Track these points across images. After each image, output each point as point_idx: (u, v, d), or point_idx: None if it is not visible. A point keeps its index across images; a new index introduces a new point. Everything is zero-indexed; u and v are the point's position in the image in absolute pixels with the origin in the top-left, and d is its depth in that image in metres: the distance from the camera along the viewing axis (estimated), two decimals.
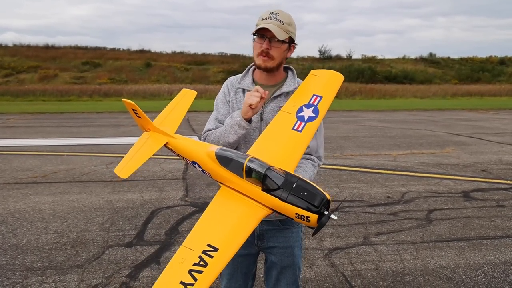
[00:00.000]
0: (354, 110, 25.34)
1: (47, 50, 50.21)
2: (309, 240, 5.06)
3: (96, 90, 34.79)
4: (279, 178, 1.91)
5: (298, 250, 2.53)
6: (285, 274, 2.49)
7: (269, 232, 2.46)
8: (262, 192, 1.93)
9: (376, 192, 7.16)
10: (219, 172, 2.08)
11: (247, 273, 2.58)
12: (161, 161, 9.58)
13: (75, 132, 14.90)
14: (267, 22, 2.23)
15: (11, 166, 9.17)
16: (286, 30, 2.25)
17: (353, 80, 43.01)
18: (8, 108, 24.75)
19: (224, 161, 2.04)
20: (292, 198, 1.87)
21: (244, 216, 1.98)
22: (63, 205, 6.41)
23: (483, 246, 4.98)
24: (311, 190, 1.87)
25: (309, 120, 2.24)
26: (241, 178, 1.98)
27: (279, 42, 2.26)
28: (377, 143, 12.43)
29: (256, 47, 2.32)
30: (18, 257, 4.60)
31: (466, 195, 6.98)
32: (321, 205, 1.84)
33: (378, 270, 4.33)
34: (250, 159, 1.98)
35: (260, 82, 2.45)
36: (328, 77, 2.45)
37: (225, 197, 2.08)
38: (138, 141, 2.51)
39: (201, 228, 1.97)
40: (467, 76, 49.27)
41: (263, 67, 2.33)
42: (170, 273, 1.80)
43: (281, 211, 1.93)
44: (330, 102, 2.32)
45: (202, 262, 1.80)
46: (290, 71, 2.51)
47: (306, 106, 2.28)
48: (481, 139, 13.30)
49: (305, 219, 1.86)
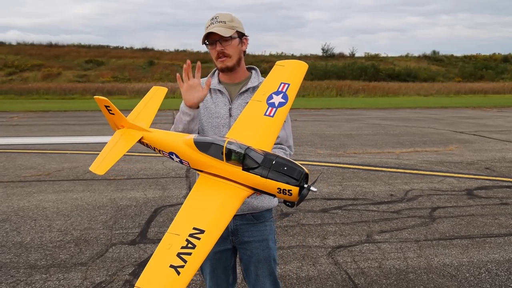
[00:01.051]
0: (357, 108, 25.30)
1: (50, 49, 50.41)
2: (312, 238, 5.06)
3: (99, 89, 34.86)
4: (259, 156, 1.96)
5: (272, 243, 2.60)
6: (261, 267, 2.55)
7: (243, 227, 2.53)
8: (243, 172, 1.96)
9: (379, 190, 7.15)
10: (198, 158, 2.09)
11: (226, 268, 2.64)
12: (164, 159, 9.59)
13: (79, 130, 14.94)
14: (210, 28, 2.36)
15: (15, 164, 9.20)
16: (230, 27, 2.39)
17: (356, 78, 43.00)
18: (11, 107, 24.83)
19: (203, 146, 2.06)
20: (272, 174, 1.92)
21: (227, 198, 2.01)
22: (66, 203, 6.43)
23: (487, 244, 4.96)
24: (290, 165, 1.94)
25: (280, 106, 2.31)
26: (221, 161, 2.01)
27: (228, 40, 2.39)
28: (380, 141, 12.40)
29: (212, 53, 2.46)
30: (22, 255, 4.62)
31: (469, 193, 6.96)
32: (301, 178, 1.90)
33: (381, 268, 4.33)
34: (229, 141, 2.02)
35: (225, 81, 2.57)
36: (294, 66, 2.54)
37: (205, 183, 2.10)
38: (112, 139, 2.49)
39: (185, 214, 1.98)
40: (470, 74, 49.14)
41: (225, 67, 2.46)
42: (158, 259, 1.80)
43: (262, 188, 1.97)
44: (297, 89, 2.41)
45: (190, 245, 1.81)
46: (254, 70, 2.65)
47: (275, 94, 2.36)
48: (484, 136, 13.26)
49: (287, 193, 1.91)
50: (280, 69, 2.51)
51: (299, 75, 2.49)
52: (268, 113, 2.29)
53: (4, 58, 44.93)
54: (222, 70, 2.49)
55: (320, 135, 13.45)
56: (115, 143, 2.48)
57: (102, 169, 2.37)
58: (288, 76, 2.45)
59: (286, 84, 2.40)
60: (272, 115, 2.28)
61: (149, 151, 10.79)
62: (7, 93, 33.32)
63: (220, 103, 2.51)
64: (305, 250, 4.74)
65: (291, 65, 2.54)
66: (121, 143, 2.46)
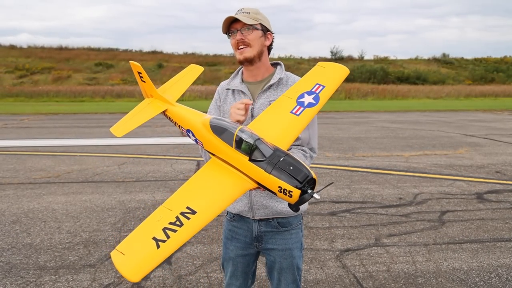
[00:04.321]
0: (366, 111, 25.20)
1: (60, 52, 50.84)
2: (321, 241, 5.05)
3: (108, 91, 35.04)
4: (267, 150, 1.92)
5: (297, 251, 2.53)
6: (284, 275, 2.51)
7: (268, 234, 2.48)
8: (248, 162, 1.93)
9: (388, 193, 7.11)
10: (211, 140, 2.09)
11: (247, 272, 2.62)
12: (173, 162, 9.63)
13: (88, 132, 15.04)
14: (230, 16, 2.33)
15: (25, 166, 9.28)
16: (254, 18, 2.33)
17: (365, 81, 42.81)
18: (22, 109, 25.07)
19: (217, 130, 2.05)
20: (276, 171, 1.87)
21: (228, 185, 1.99)
22: (75, 205, 6.47)
23: (497, 248, 4.91)
24: (297, 166, 1.87)
25: (309, 106, 2.26)
26: (230, 147, 1.99)
27: (250, 30, 2.32)
28: (389, 144, 12.34)
29: (232, 44, 2.39)
30: (31, 256, 4.65)
31: (479, 197, 6.90)
32: (305, 181, 1.84)
33: (390, 272, 4.30)
34: (241, 128, 1.99)
35: (248, 80, 2.50)
36: (334, 69, 2.49)
37: (214, 166, 2.09)
38: (138, 106, 2.58)
39: (183, 192, 1.98)
40: (481, 76, 48.74)
41: (243, 58, 2.37)
42: (144, 228, 1.82)
43: (265, 184, 1.92)
44: (331, 92, 2.36)
45: (178, 222, 1.81)
46: (279, 65, 2.54)
47: (307, 93, 2.31)
48: (495, 140, 13.15)
49: (287, 194, 1.86)
50: (320, 70, 2.46)
51: (337, 79, 2.43)
52: (295, 111, 2.24)
53: (15, 61, 45.37)
54: (241, 62, 2.40)
55: (328, 138, 13.42)
56: (140, 110, 2.56)
57: (121, 131, 2.44)
58: (325, 79, 2.40)
59: (321, 86, 2.35)
60: (298, 113, 2.23)
61: (157, 153, 10.83)
62: (18, 96, 33.60)
63: None
64: (313, 253, 4.73)
65: (331, 68, 2.49)
66: (145, 111, 2.52)
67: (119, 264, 1.71)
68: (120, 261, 1.71)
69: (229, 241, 2.60)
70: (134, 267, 1.69)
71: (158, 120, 18.75)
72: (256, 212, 2.43)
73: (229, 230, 2.61)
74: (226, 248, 2.63)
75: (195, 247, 4.89)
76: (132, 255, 1.73)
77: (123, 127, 2.47)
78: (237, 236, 2.55)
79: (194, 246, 4.93)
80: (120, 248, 1.75)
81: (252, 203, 2.43)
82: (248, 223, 2.51)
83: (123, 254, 1.73)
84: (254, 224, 2.49)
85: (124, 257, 1.72)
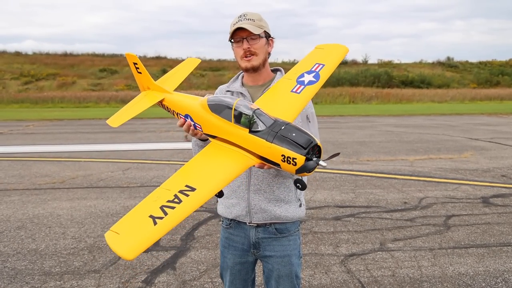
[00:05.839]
0: (370, 115, 25.16)
1: (65, 58, 51.11)
2: (325, 246, 5.03)
3: (113, 97, 35.14)
4: (268, 120, 1.90)
5: (296, 258, 2.49)
6: (283, 283, 2.46)
7: (265, 241, 2.45)
8: (249, 134, 1.91)
9: (393, 197, 7.08)
10: (210, 120, 2.08)
11: (246, 280, 2.59)
12: (177, 167, 9.62)
13: (93, 138, 15.09)
14: (239, 24, 2.31)
15: (30, 172, 9.32)
16: (259, 26, 2.33)
17: (369, 85, 42.77)
18: (27, 115, 25.19)
19: (216, 108, 2.05)
20: (278, 140, 1.83)
21: (229, 162, 1.96)
22: (80, 211, 6.49)
23: (504, 253, 4.88)
24: (300, 133, 1.83)
25: (309, 84, 2.26)
26: (229, 122, 1.97)
27: (256, 39, 2.33)
28: (393, 148, 12.31)
29: (237, 51, 2.38)
30: (37, 262, 4.67)
31: (485, 201, 6.86)
32: (309, 147, 1.79)
33: (395, 277, 4.28)
34: (238, 102, 1.98)
35: (249, 83, 2.50)
36: (332, 48, 2.49)
37: (213, 148, 2.08)
38: (135, 99, 2.62)
39: (182, 173, 1.96)
40: (486, 80, 48.52)
41: (250, 67, 2.37)
42: (141, 208, 1.78)
43: (267, 155, 1.88)
44: (332, 70, 2.36)
45: (176, 200, 1.77)
46: (279, 71, 2.56)
47: (307, 73, 2.32)
48: (500, 143, 13.08)
49: (292, 162, 1.81)
50: (318, 51, 2.46)
51: (336, 57, 2.42)
52: (295, 90, 2.24)
53: (21, 68, 45.67)
54: (247, 69, 2.40)
55: (333, 142, 13.40)
56: (136, 102, 2.58)
57: (117, 122, 2.48)
58: (324, 57, 2.39)
59: (320, 64, 2.34)
60: (299, 91, 2.23)
61: (161, 159, 10.83)
62: (23, 102, 33.77)
63: None
64: (317, 258, 4.71)
65: (330, 47, 2.49)
66: (142, 102, 2.54)
67: (113, 243, 1.66)
68: (114, 241, 1.66)
69: (226, 250, 2.56)
70: (130, 245, 1.64)
71: (163, 125, 18.84)
72: (254, 216, 2.40)
73: (225, 238, 2.57)
74: (223, 257, 2.59)
75: (199, 252, 4.89)
76: (128, 234, 1.68)
77: (119, 118, 2.50)
78: (234, 243, 2.52)
79: (199, 251, 4.93)
80: (114, 228, 1.71)
81: (250, 207, 2.39)
82: (245, 229, 2.47)
83: (117, 234, 1.69)
84: (251, 231, 2.45)
85: (119, 236, 1.68)
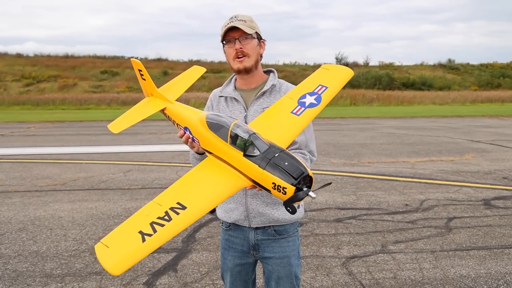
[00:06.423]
0: (372, 117, 25.16)
1: (66, 60, 51.18)
2: (326, 248, 5.03)
3: (114, 99, 35.16)
4: (262, 146, 1.89)
5: (295, 259, 2.49)
6: (282, 284, 2.47)
7: (264, 242, 2.45)
8: (243, 158, 1.91)
9: (394, 199, 7.08)
10: (207, 137, 2.08)
11: (247, 281, 2.60)
12: (178, 169, 9.64)
13: (94, 140, 15.10)
14: (231, 24, 2.31)
15: (31, 174, 9.33)
16: (250, 26, 2.33)
17: (370, 87, 42.77)
18: (29, 117, 25.22)
19: (214, 126, 2.05)
20: (270, 167, 1.82)
21: (221, 182, 1.96)
22: (81, 213, 6.49)
23: (505, 255, 4.87)
24: (293, 162, 1.82)
25: (310, 106, 2.24)
26: (225, 142, 1.97)
27: (248, 39, 2.32)
28: (395, 150, 12.31)
29: (229, 52, 2.37)
30: (38, 264, 4.66)
31: (487, 203, 6.85)
32: (300, 177, 1.79)
33: (396, 279, 4.27)
34: (236, 123, 1.98)
35: (242, 87, 2.50)
36: (338, 70, 2.47)
37: (208, 164, 2.07)
38: (138, 104, 2.63)
39: (175, 188, 1.96)
40: (487, 82, 48.51)
41: (242, 68, 2.36)
42: (132, 222, 1.80)
43: (259, 180, 1.88)
44: (334, 93, 2.34)
45: (166, 217, 1.78)
46: (272, 72, 2.54)
47: (309, 94, 2.30)
48: (502, 146, 13.07)
49: (282, 191, 1.80)
50: (323, 72, 2.45)
51: (340, 80, 2.41)
52: (295, 112, 2.22)
53: (22, 70, 45.72)
54: (239, 71, 2.38)
55: (334, 144, 13.40)
56: (139, 108, 2.59)
57: (118, 128, 2.48)
58: (328, 80, 2.38)
59: (324, 87, 2.33)
60: (298, 114, 2.21)
61: (162, 161, 10.84)
62: (25, 104, 33.81)
63: (236, 111, 2.43)
64: (319, 260, 4.71)
65: (335, 69, 2.48)
66: (144, 109, 2.55)
67: (101, 257, 1.68)
68: (103, 254, 1.69)
69: (226, 251, 2.57)
70: (116, 260, 1.66)
71: (164, 127, 18.85)
72: (253, 220, 2.41)
73: (225, 240, 2.58)
74: (224, 259, 2.60)
75: (201, 254, 4.89)
76: (116, 249, 1.71)
77: (120, 124, 2.49)
78: (234, 245, 2.53)
79: (200, 253, 4.93)
80: (105, 241, 1.74)
81: (248, 211, 2.40)
82: (244, 231, 2.48)
83: (107, 247, 1.71)
84: (250, 233, 2.46)
85: (108, 250, 1.70)
